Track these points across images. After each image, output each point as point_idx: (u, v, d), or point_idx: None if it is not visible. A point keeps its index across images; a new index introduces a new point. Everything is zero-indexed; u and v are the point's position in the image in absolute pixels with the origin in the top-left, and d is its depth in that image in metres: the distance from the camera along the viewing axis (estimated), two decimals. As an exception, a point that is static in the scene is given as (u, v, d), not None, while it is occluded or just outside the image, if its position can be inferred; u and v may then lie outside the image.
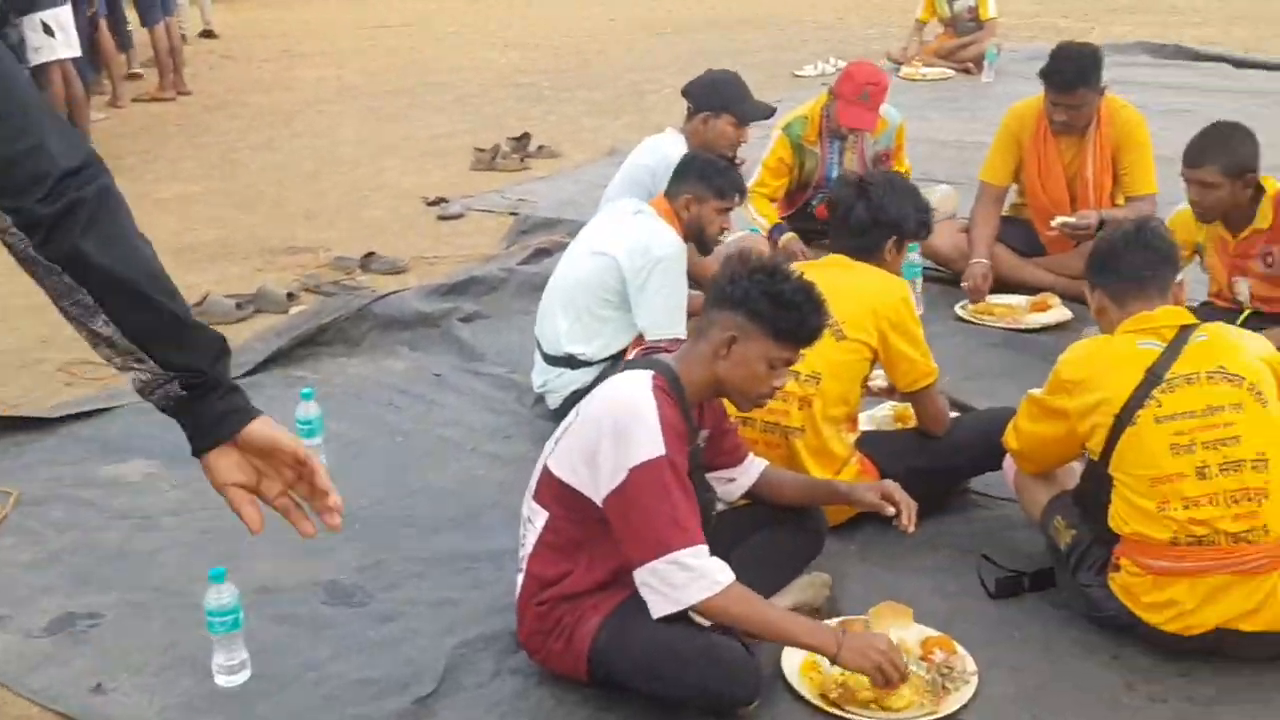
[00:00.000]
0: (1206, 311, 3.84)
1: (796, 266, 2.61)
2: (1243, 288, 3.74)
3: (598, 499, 2.30)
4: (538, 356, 3.76)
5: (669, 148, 4.22)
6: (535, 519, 2.41)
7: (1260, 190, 3.61)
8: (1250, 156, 3.57)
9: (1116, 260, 2.64)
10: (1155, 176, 4.50)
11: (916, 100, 8.10)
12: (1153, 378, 2.46)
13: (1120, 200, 4.57)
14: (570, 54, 10.73)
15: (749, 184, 4.92)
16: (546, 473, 2.40)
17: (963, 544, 3.00)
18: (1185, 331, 2.53)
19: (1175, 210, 3.84)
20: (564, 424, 2.45)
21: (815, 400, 2.93)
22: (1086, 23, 11.21)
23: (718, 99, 4.31)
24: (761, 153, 5.05)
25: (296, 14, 13.52)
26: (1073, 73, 4.36)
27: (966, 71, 8.95)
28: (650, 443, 2.23)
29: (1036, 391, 2.72)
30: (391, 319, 4.46)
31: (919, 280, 4.49)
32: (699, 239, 3.77)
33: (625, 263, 3.56)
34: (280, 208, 6.29)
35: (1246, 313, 3.75)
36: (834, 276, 2.87)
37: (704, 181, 3.70)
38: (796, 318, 2.38)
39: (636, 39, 11.37)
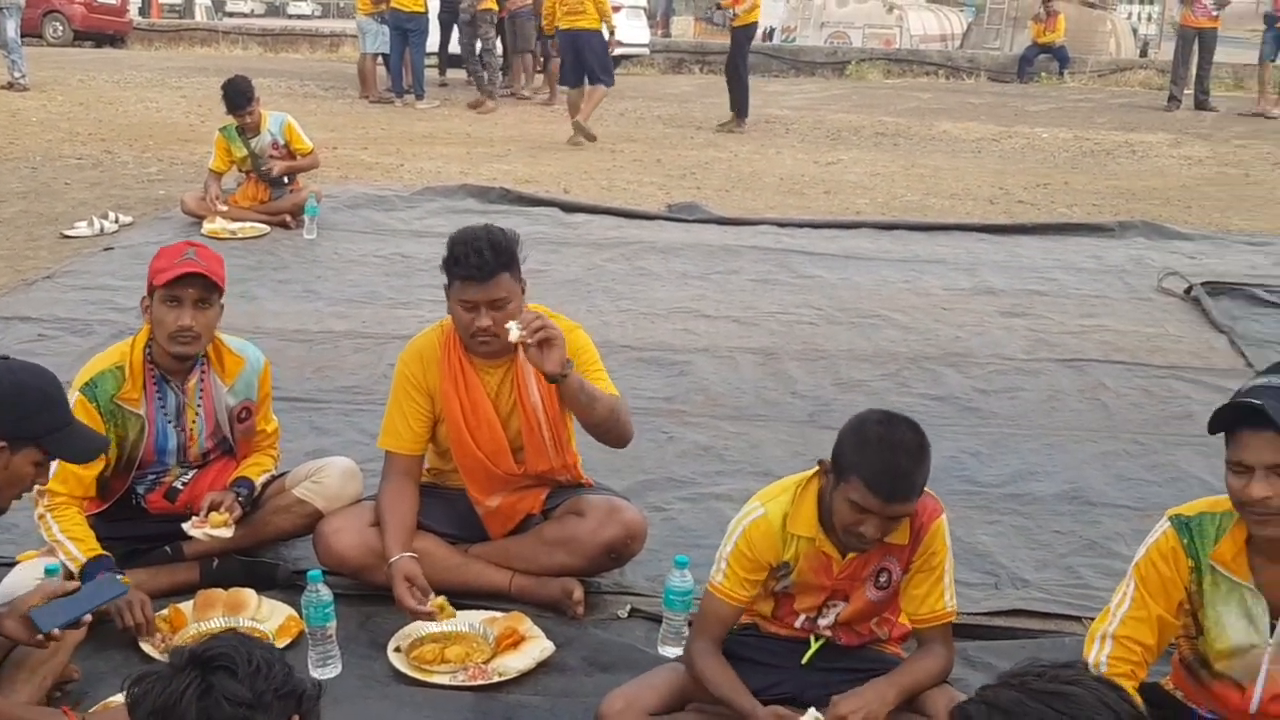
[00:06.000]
0: (758, 642, 2.84)
1: None
2: (832, 616, 2.77)
3: None
4: None
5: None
6: None
7: None
8: None
9: None
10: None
11: (234, 269, 6.50)
12: None
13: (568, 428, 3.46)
14: None
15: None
16: None
17: None
18: None
19: (751, 517, 2.71)
20: None
21: None
22: (395, 158, 10.38)
23: (19, 425, 2.47)
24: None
25: None
26: (491, 252, 3.14)
27: (284, 225, 7.54)
28: None
29: None
30: None
31: (331, 624, 3.02)
32: None
33: None
34: None
35: (819, 644, 2.78)
36: None
37: None
38: None
39: None
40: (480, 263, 3.13)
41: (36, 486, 2.68)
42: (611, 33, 11.83)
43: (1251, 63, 16.09)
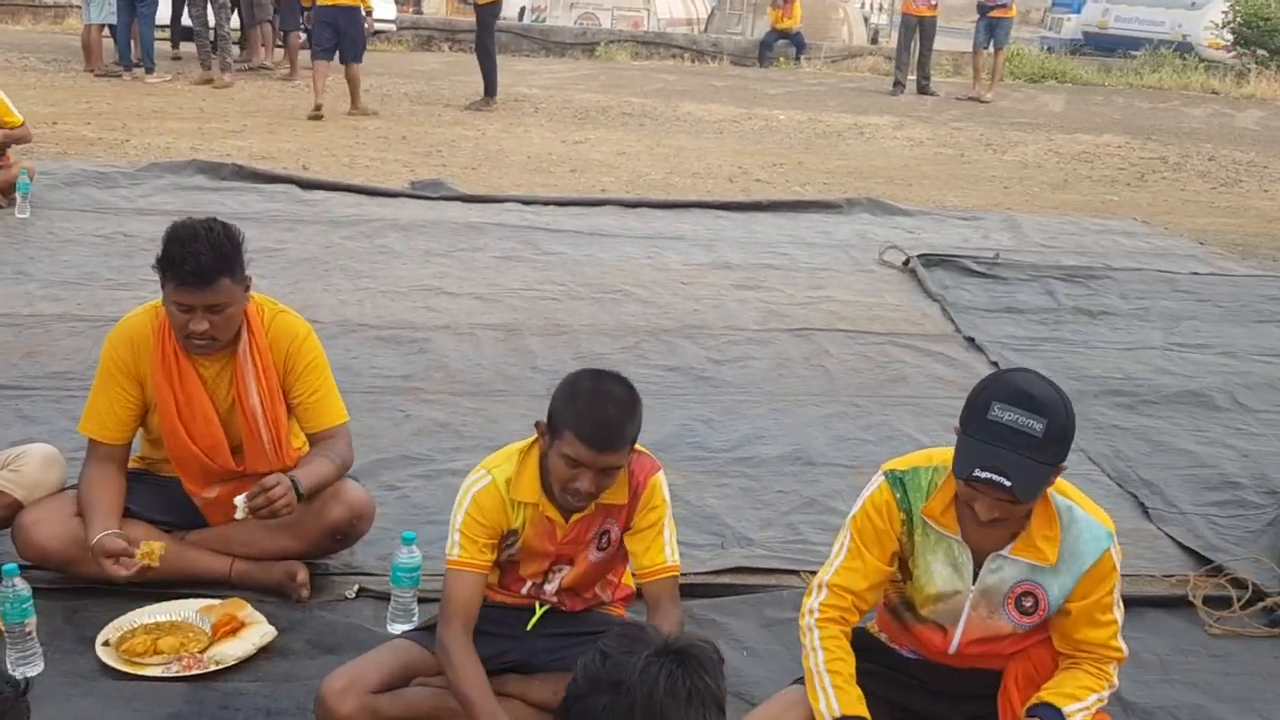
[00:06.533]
0: (485, 612, 2.81)
1: None
2: (557, 581, 2.78)
3: None
4: None
5: None
6: None
7: None
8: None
9: None
10: (341, 401, 3.37)
11: (-69, 252, 6.06)
12: None
13: (297, 442, 3.37)
14: None
15: None
16: None
17: None
18: None
19: (479, 485, 2.66)
20: None
21: None
22: (120, 133, 9.80)
23: None
24: None
25: None
26: (210, 256, 2.98)
27: (-9, 206, 7.01)
28: None
29: None
30: None
31: (30, 620, 2.84)
32: None
33: None
34: None
35: (543, 610, 2.81)
36: None
37: None
38: None
39: None
40: (197, 268, 2.97)
41: None
42: (369, 12, 11.68)
43: (969, 51, 17.18)
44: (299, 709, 2.76)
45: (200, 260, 2.96)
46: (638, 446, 2.71)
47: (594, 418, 2.52)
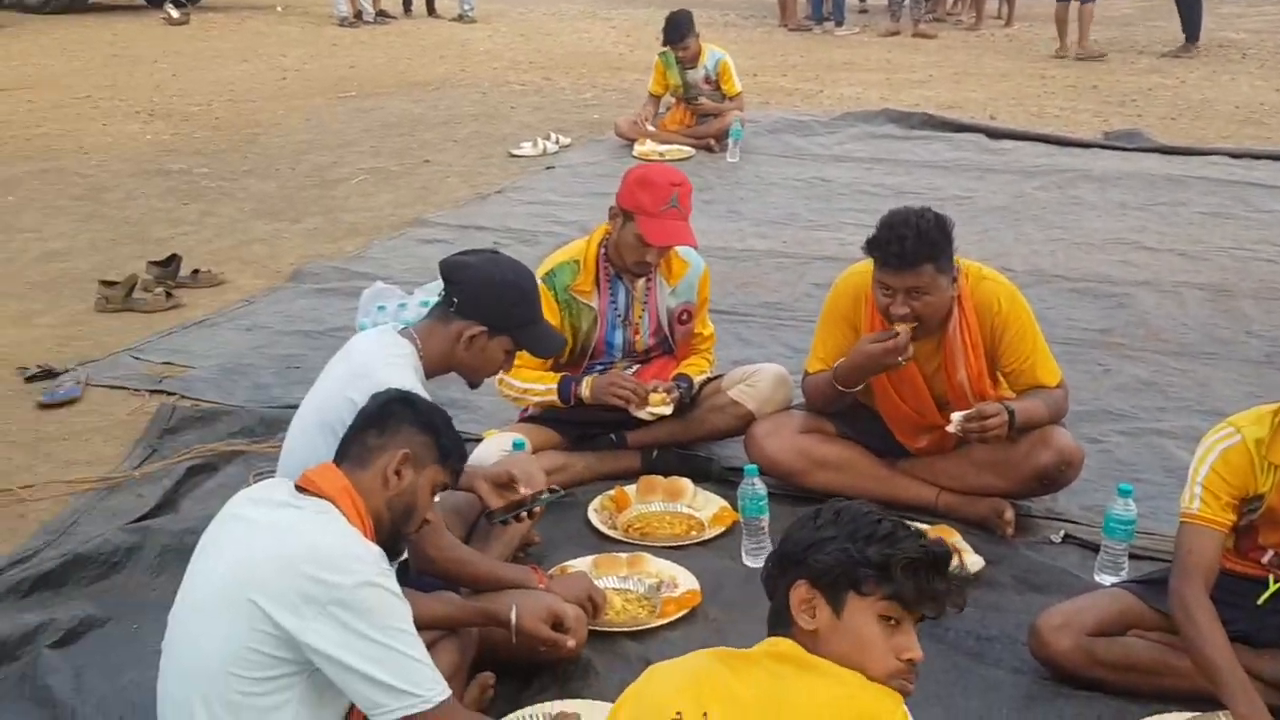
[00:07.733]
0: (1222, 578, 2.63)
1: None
2: None
3: None
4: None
5: (395, 374, 2.59)
6: None
7: None
8: None
9: None
10: (1054, 360, 3.30)
11: (662, 189, 6.82)
12: None
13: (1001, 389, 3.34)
14: (233, 126, 8.81)
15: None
16: None
17: None
18: None
19: (1227, 442, 2.48)
20: None
21: None
22: (814, 84, 10.38)
23: (500, 315, 2.75)
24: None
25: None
26: (914, 241, 3.00)
27: (708, 149, 7.77)
28: None
29: None
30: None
31: (764, 517, 3.13)
32: (405, 518, 2.27)
33: (281, 600, 1.98)
34: None
35: (1277, 585, 2.58)
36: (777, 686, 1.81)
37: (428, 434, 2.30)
38: None
39: (316, 104, 9.57)
40: (900, 251, 3.03)
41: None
42: None
43: None
44: (1007, 638, 2.78)
45: (905, 244, 3.02)
46: None
47: None
